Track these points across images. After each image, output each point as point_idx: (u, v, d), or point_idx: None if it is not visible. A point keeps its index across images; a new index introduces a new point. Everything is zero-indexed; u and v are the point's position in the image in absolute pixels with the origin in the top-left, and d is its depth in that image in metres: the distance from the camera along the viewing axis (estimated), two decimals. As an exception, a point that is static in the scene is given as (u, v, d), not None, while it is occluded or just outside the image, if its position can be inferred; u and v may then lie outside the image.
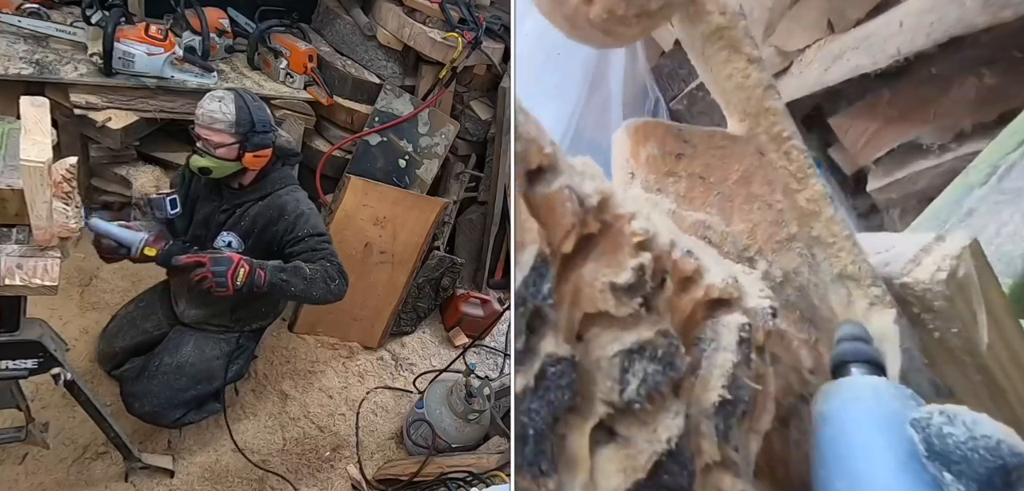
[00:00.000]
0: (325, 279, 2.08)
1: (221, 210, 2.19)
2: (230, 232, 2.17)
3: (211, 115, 2.01)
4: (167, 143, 2.87)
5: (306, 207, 2.20)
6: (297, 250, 2.12)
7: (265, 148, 2.12)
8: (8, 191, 1.46)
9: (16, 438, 1.90)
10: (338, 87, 2.99)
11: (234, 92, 2.08)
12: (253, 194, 2.18)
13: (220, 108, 2.01)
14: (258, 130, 2.07)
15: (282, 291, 2.05)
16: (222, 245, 2.16)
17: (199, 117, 2.03)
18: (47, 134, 1.44)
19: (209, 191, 2.20)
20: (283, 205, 2.17)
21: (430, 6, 2.92)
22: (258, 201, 2.17)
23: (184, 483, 2.28)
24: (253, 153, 2.09)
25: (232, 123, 2.02)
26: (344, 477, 2.54)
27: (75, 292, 2.63)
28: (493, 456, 2.56)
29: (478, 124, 3.29)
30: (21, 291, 1.50)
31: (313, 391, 2.80)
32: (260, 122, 2.08)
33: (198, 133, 2.04)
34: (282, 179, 2.22)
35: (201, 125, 2.03)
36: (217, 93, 2.06)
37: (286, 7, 3.08)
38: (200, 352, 2.25)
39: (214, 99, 2.03)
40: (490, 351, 3.39)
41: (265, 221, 2.16)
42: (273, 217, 2.15)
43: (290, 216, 2.15)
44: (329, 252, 2.14)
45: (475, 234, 3.52)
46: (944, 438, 0.52)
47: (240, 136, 2.04)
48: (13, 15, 2.45)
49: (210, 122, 2.01)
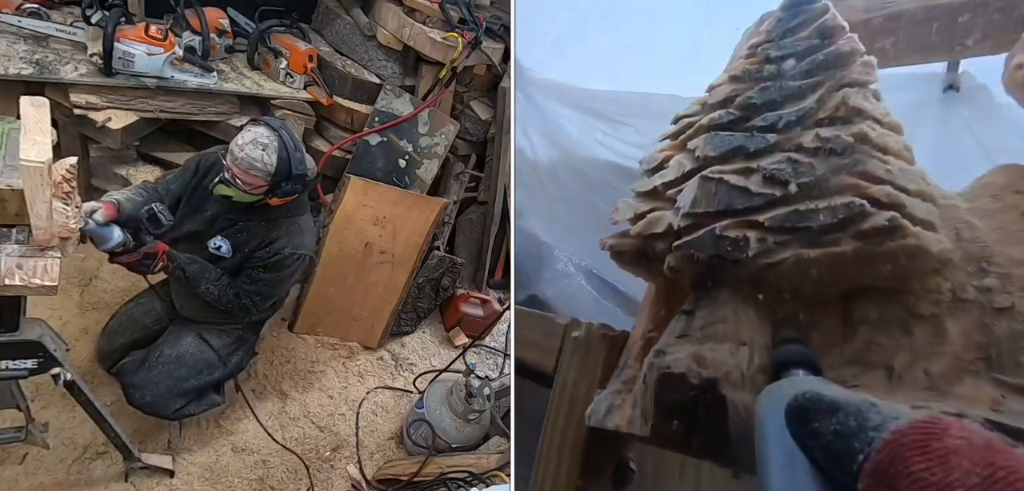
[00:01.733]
0: (210, 283, 2.15)
1: (226, 217, 2.18)
2: (225, 238, 2.18)
3: (251, 161, 1.96)
4: (167, 143, 2.87)
5: (292, 249, 2.20)
6: (247, 267, 2.18)
7: (293, 194, 2.10)
8: (8, 191, 1.46)
9: (16, 438, 1.90)
10: (338, 87, 2.99)
11: (279, 138, 2.00)
12: (260, 217, 2.17)
13: (262, 158, 1.96)
14: (293, 178, 2.03)
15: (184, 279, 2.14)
16: (214, 249, 2.19)
17: (239, 159, 1.96)
18: (47, 134, 1.44)
19: (216, 193, 2.17)
20: (276, 238, 2.18)
21: (430, 6, 2.92)
22: (261, 222, 2.18)
23: (184, 483, 2.28)
24: (280, 198, 2.08)
25: (270, 174, 1.99)
26: (344, 477, 2.54)
27: (75, 292, 2.63)
28: (493, 456, 2.56)
29: (478, 124, 3.29)
30: (21, 291, 1.50)
31: (313, 391, 2.80)
32: (297, 173, 2.03)
33: (230, 167, 1.99)
34: (290, 207, 2.20)
35: (238, 166, 1.97)
36: (262, 138, 1.98)
37: (286, 7, 3.08)
38: (200, 343, 2.27)
39: (258, 146, 1.96)
40: (490, 351, 3.39)
41: (257, 243, 2.18)
42: (264, 242, 2.18)
43: (272, 249, 2.17)
44: (253, 291, 2.19)
45: (475, 234, 3.52)
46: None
47: (273, 183, 2.02)
48: (13, 15, 2.45)
49: (248, 167, 1.96)
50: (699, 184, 0.84)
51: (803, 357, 0.70)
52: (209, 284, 2.16)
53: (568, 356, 1.06)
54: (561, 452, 1.00)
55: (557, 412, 1.03)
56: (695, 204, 0.82)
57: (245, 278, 2.20)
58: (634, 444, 1.01)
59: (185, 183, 2.23)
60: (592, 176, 2.25)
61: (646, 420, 0.75)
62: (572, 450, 0.98)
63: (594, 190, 2.24)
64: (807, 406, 0.51)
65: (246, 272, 2.20)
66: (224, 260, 2.20)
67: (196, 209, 2.22)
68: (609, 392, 0.92)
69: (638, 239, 0.91)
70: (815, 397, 0.51)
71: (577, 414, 0.99)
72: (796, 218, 0.73)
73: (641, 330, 0.99)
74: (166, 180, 2.26)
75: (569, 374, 1.05)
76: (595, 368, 1.02)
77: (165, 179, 2.27)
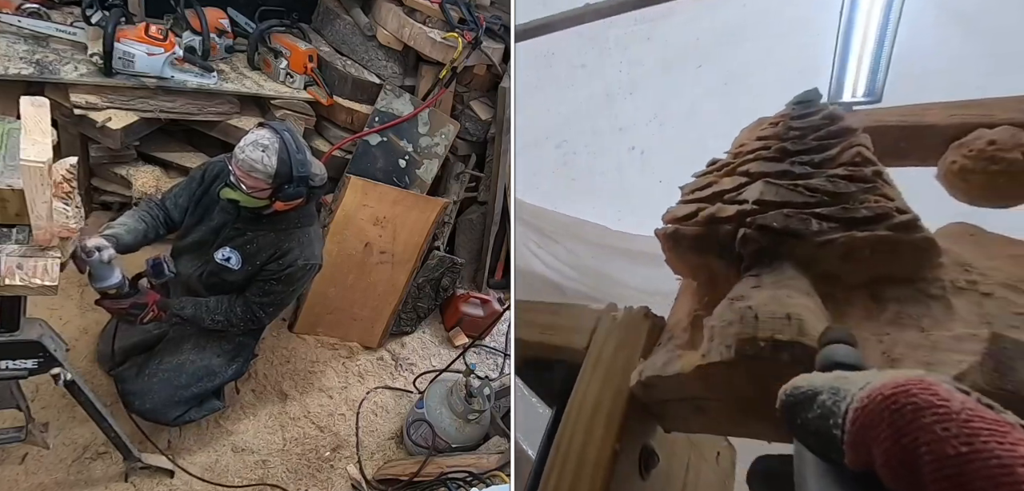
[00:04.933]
0: (213, 315, 2.18)
1: (234, 226, 2.17)
2: (233, 249, 2.17)
3: (251, 163, 1.96)
4: (167, 143, 2.87)
5: (304, 259, 2.20)
6: (259, 279, 2.18)
7: (298, 198, 2.09)
8: (8, 191, 1.46)
9: (16, 438, 1.90)
10: (338, 87, 2.99)
11: (280, 140, 2.00)
12: (269, 225, 2.16)
13: (262, 160, 1.96)
14: (295, 180, 2.02)
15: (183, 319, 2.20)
16: (222, 260, 2.17)
17: (240, 160, 1.97)
18: (47, 134, 1.44)
19: (228, 201, 2.15)
20: (288, 250, 2.17)
21: (430, 6, 2.92)
22: (271, 232, 2.16)
23: (184, 483, 2.28)
24: (284, 202, 2.07)
25: (270, 175, 1.99)
26: (344, 477, 2.54)
27: (75, 292, 2.63)
28: (493, 456, 2.56)
29: (478, 124, 3.29)
30: (21, 291, 1.50)
31: (313, 391, 2.80)
32: (299, 175, 2.02)
33: (234, 170, 2.00)
34: (300, 218, 2.19)
35: (240, 168, 1.98)
36: (262, 140, 1.98)
37: (286, 7, 3.08)
38: (200, 350, 2.26)
39: (258, 148, 1.96)
40: (490, 351, 3.39)
41: (268, 256, 2.17)
42: (276, 254, 2.17)
43: (285, 261, 2.17)
44: (266, 302, 2.21)
45: (475, 234, 3.52)
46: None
47: (276, 186, 2.02)
48: (13, 15, 2.45)
49: (249, 169, 1.96)
50: (763, 185, 1.03)
51: (846, 356, 0.70)
52: (212, 317, 2.16)
53: (605, 333, 1.17)
54: (593, 420, 1.06)
55: (589, 382, 1.11)
56: (763, 195, 1.01)
57: (257, 290, 2.19)
58: (657, 431, 1.12)
59: (191, 193, 2.22)
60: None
61: (728, 348, 0.85)
62: (608, 418, 1.05)
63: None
64: (793, 400, 0.51)
65: (257, 284, 2.19)
66: (233, 273, 2.18)
67: (202, 218, 2.21)
68: (663, 350, 1.04)
69: (703, 224, 1.06)
70: (796, 389, 0.51)
71: (614, 382, 1.08)
72: (844, 211, 0.95)
73: (687, 310, 1.11)
74: (173, 194, 2.24)
75: (606, 348, 1.15)
76: (638, 339, 1.13)
77: (172, 192, 2.25)
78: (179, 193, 2.23)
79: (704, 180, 1.18)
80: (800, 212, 0.98)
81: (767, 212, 1.00)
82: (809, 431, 0.49)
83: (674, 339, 1.07)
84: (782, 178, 1.05)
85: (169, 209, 2.20)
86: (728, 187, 1.10)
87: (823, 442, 0.47)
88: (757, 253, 0.99)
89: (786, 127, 1.18)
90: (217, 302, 2.19)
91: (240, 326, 2.23)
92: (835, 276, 0.96)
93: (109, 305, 2.01)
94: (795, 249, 0.96)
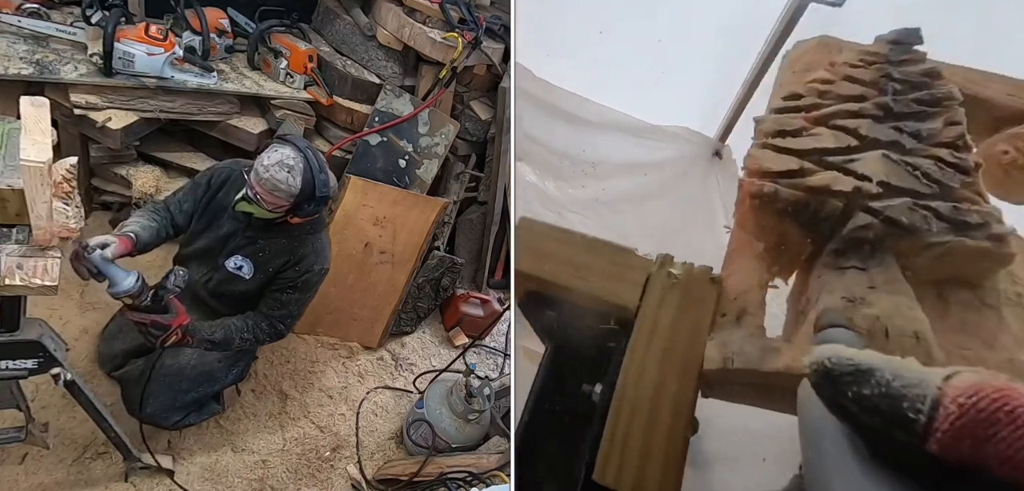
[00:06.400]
0: (241, 335, 2.12)
1: (244, 234, 2.14)
2: (245, 257, 2.14)
3: (275, 183, 1.92)
4: (167, 143, 2.87)
5: (319, 265, 2.19)
6: (274, 288, 2.15)
7: (314, 215, 2.08)
8: (8, 191, 1.46)
9: (16, 438, 1.90)
10: (338, 87, 2.99)
11: (304, 160, 1.96)
12: (281, 234, 2.13)
13: (287, 180, 1.92)
14: (317, 199, 2.01)
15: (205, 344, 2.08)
16: (234, 269, 2.15)
17: (263, 179, 1.91)
18: (47, 134, 1.44)
19: (237, 209, 2.09)
20: (303, 256, 2.15)
21: (430, 6, 2.92)
22: (283, 239, 2.14)
23: (184, 483, 2.28)
24: (301, 217, 2.05)
25: (293, 195, 1.96)
26: (344, 477, 2.54)
27: (75, 292, 2.63)
28: (493, 456, 2.56)
29: (478, 124, 3.29)
30: (21, 291, 1.50)
31: (313, 391, 2.80)
32: (321, 195, 2.00)
33: (254, 185, 1.95)
34: (312, 224, 2.17)
35: (262, 186, 1.93)
36: (288, 160, 1.93)
37: (286, 7, 3.08)
38: (201, 354, 2.23)
39: (283, 169, 1.92)
40: (490, 351, 3.39)
41: (282, 263, 2.15)
42: (291, 261, 2.15)
43: (301, 268, 2.15)
44: (285, 314, 2.18)
45: (475, 234, 3.52)
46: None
47: (295, 203, 1.99)
48: (13, 15, 2.45)
49: (272, 188, 1.92)
50: (884, 161, 0.97)
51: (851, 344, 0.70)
52: (241, 336, 2.12)
53: (659, 294, 1.02)
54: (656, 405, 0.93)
55: (644, 356, 0.97)
56: (888, 177, 0.97)
57: (273, 302, 2.16)
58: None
59: (197, 199, 2.18)
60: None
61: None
62: (676, 404, 0.93)
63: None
64: (839, 371, 0.49)
65: (272, 294, 2.16)
66: (244, 282, 2.16)
67: (209, 225, 2.18)
68: (745, 336, 0.96)
69: (810, 191, 0.98)
70: (840, 360, 0.49)
71: (678, 358, 0.95)
72: (955, 211, 0.92)
73: (757, 279, 1.03)
74: (177, 199, 2.18)
75: (663, 314, 1.00)
76: (703, 307, 1.01)
77: (176, 197, 2.19)
78: (183, 198, 2.18)
79: (791, 123, 1.06)
80: (922, 207, 0.93)
81: (892, 198, 0.94)
82: (867, 407, 0.47)
83: (749, 315, 0.98)
84: (895, 150, 0.98)
85: (173, 214, 2.15)
86: (831, 145, 1.00)
87: (893, 422, 0.46)
88: (866, 241, 0.93)
89: (885, 74, 1.07)
90: (243, 321, 2.14)
91: (265, 341, 2.22)
92: (912, 269, 0.92)
93: (131, 316, 1.87)
94: (901, 242, 0.91)
